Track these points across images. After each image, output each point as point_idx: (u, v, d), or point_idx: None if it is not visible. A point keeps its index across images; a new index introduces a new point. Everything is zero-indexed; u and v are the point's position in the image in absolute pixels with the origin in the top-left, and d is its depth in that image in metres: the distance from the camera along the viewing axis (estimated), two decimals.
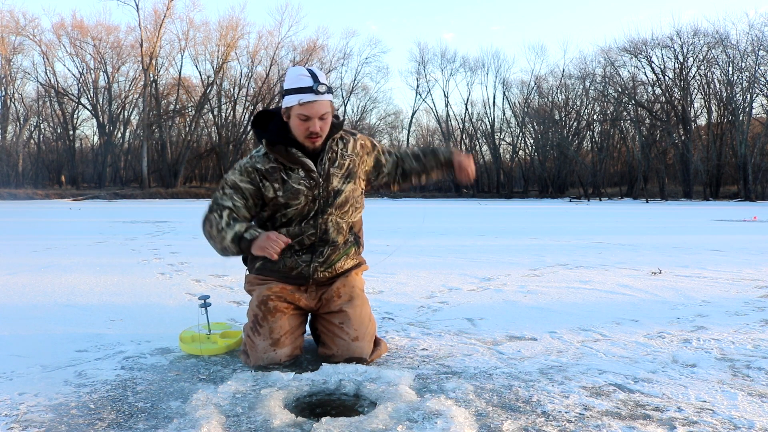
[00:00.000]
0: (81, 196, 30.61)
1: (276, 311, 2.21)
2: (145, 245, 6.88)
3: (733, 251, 6.38)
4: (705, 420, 1.68)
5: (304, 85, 2.10)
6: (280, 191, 2.20)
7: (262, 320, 2.20)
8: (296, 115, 2.11)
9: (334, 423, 1.61)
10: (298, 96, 2.09)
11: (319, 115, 2.12)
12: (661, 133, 39.59)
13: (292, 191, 2.20)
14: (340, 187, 2.26)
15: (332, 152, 2.24)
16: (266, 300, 2.22)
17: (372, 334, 2.29)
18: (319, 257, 2.27)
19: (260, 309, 2.21)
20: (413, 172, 2.49)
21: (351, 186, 2.30)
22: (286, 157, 2.18)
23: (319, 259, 2.27)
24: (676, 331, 2.75)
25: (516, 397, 1.87)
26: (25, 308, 3.25)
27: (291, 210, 2.23)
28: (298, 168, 2.19)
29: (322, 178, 2.21)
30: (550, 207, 24.10)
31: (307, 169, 2.20)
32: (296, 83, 2.11)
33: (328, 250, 2.28)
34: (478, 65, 53.87)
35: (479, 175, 47.02)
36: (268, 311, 2.20)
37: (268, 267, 2.29)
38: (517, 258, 5.66)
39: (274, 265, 2.27)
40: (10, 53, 36.99)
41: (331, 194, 2.24)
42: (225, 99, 42.65)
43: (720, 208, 21.85)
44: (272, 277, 2.30)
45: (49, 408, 1.78)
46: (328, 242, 2.27)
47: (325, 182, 2.22)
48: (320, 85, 2.09)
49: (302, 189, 2.20)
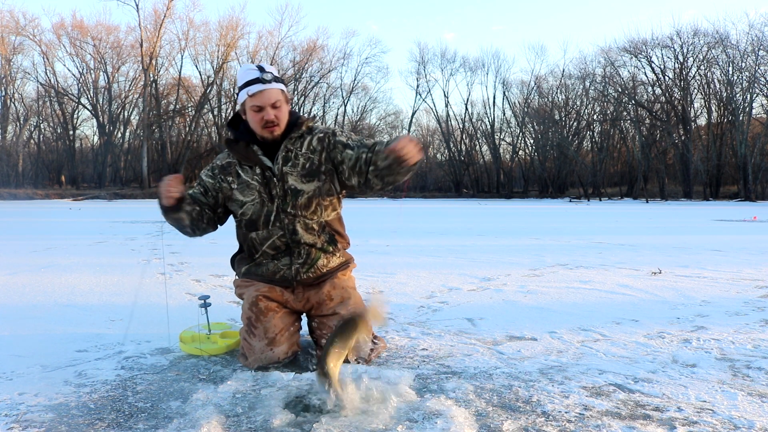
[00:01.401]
0: (81, 196, 30.61)
1: (268, 311, 2.22)
2: (145, 245, 6.88)
3: (733, 251, 6.38)
4: (705, 420, 1.68)
5: (251, 77, 2.16)
6: (234, 183, 2.27)
7: (256, 321, 2.20)
8: (250, 108, 2.17)
9: (334, 423, 1.61)
10: (247, 89, 2.16)
11: (270, 103, 2.15)
12: (661, 133, 39.60)
13: (246, 184, 2.25)
14: (300, 187, 2.23)
15: (287, 151, 2.24)
16: (256, 301, 2.23)
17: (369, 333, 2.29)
18: (298, 258, 2.27)
19: (252, 311, 2.22)
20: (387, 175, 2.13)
21: (315, 185, 2.24)
22: (244, 155, 2.24)
23: (298, 261, 2.27)
24: (676, 331, 2.75)
25: (516, 397, 1.87)
26: (25, 308, 3.25)
27: (248, 207, 2.26)
28: (255, 166, 2.24)
29: (276, 177, 2.22)
30: (550, 207, 24.09)
31: (263, 167, 2.23)
32: (244, 78, 2.17)
33: (304, 251, 2.27)
34: (478, 65, 53.94)
35: (479, 174, 47.08)
36: (260, 312, 2.21)
37: (253, 271, 2.33)
38: (517, 258, 5.66)
39: (258, 269, 2.31)
40: (10, 53, 37.00)
41: (288, 193, 2.23)
42: (225, 99, 42.65)
43: (720, 208, 21.85)
44: (259, 282, 2.32)
45: (49, 408, 1.78)
46: (301, 243, 2.26)
47: (280, 181, 2.22)
48: (266, 73, 2.15)
49: (254, 184, 2.24)
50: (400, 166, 2.05)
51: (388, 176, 2.12)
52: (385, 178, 2.14)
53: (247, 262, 2.35)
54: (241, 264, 2.38)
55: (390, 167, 2.07)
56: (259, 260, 2.31)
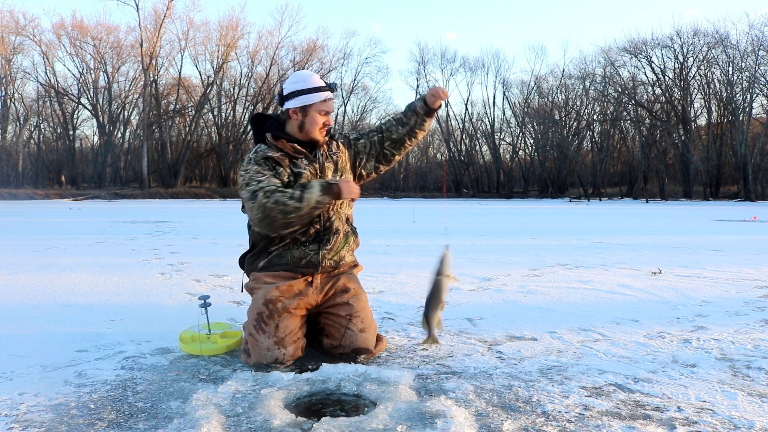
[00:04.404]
0: (81, 196, 30.60)
1: (284, 311, 2.26)
2: (145, 245, 6.88)
3: (733, 251, 6.38)
4: (705, 420, 1.68)
5: (321, 84, 2.37)
6: (292, 176, 2.34)
7: (268, 318, 2.23)
8: (318, 111, 2.35)
9: (334, 423, 1.61)
10: (324, 94, 2.35)
11: (333, 111, 2.45)
12: (661, 133, 39.59)
13: (300, 175, 2.34)
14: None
15: (324, 150, 2.43)
16: (274, 300, 2.26)
17: (375, 328, 2.41)
18: (326, 245, 2.37)
19: (267, 307, 2.25)
20: (405, 136, 2.52)
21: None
22: (291, 148, 2.36)
23: (326, 247, 2.37)
24: (676, 331, 2.75)
25: (516, 397, 1.87)
26: (25, 308, 3.25)
27: None
28: (301, 157, 2.36)
29: (318, 169, 2.38)
30: (550, 207, 24.10)
31: (309, 159, 2.37)
32: (316, 83, 2.37)
33: (333, 237, 2.39)
34: (478, 65, 53.88)
35: (479, 174, 47.12)
36: (276, 310, 2.24)
37: (275, 263, 2.35)
38: (517, 258, 5.66)
39: (280, 259, 2.35)
40: (10, 53, 36.99)
41: None
42: (225, 99, 42.67)
43: (720, 208, 21.85)
44: (282, 271, 2.34)
45: (49, 408, 1.78)
46: (332, 230, 2.38)
47: (321, 174, 2.39)
48: (333, 85, 2.41)
49: (307, 173, 2.34)
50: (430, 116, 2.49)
51: (408, 141, 2.52)
52: (405, 144, 2.53)
53: (265, 255, 2.37)
54: (258, 259, 2.39)
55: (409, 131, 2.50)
56: (284, 249, 2.34)
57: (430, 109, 2.47)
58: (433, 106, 2.46)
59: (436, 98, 2.43)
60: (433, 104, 2.45)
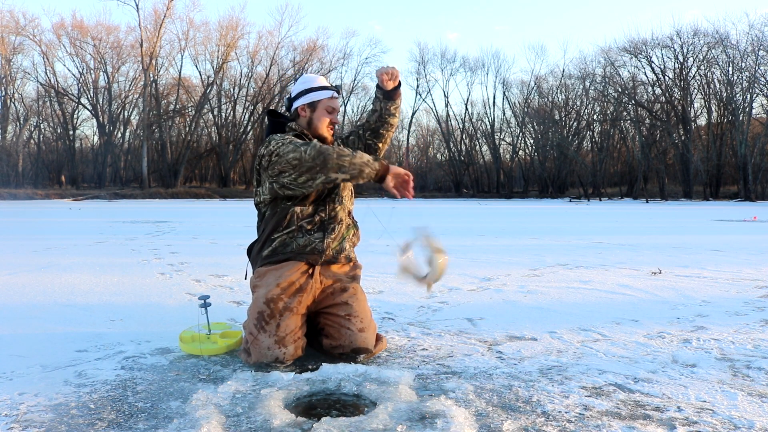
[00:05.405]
0: (81, 196, 30.61)
1: (286, 310, 2.26)
2: (145, 245, 6.88)
3: (733, 251, 6.38)
4: (705, 420, 1.68)
5: (327, 84, 2.48)
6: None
7: (269, 317, 2.23)
8: (325, 107, 2.44)
9: (334, 423, 1.61)
10: (329, 92, 2.45)
11: (339, 110, 2.52)
12: (661, 133, 39.60)
13: None
14: None
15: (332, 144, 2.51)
16: (275, 299, 2.26)
17: (375, 328, 2.41)
18: (331, 233, 2.40)
19: (268, 306, 2.25)
20: (377, 124, 2.58)
21: None
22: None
23: (331, 236, 2.40)
24: (676, 331, 2.75)
25: (516, 397, 1.87)
26: (25, 308, 3.25)
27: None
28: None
29: None
30: (550, 207, 24.10)
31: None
32: (323, 83, 2.49)
33: (337, 227, 2.42)
34: (478, 65, 53.96)
35: (479, 174, 47.13)
36: (277, 309, 2.25)
37: (280, 251, 2.35)
38: (517, 258, 5.66)
39: (285, 248, 2.35)
40: (10, 53, 37.01)
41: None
42: (225, 99, 42.69)
43: (720, 208, 21.85)
44: (285, 260, 2.33)
45: (49, 408, 1.78)
46: (336, 219, 2.42)
47: None
48: (337, 87, 2.52)
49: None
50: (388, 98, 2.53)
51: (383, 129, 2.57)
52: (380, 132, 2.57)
53: (269, 243, 2.37)
54: (264, 247, 2.39)
55: (379, 119, 2.55)
56: (288, 237, 2.34)
57: (385, 92, 2.52)
58: (386, 88, 2.51)
59: (383, 79, 2.49)
60: (384, 86, 2.50)
